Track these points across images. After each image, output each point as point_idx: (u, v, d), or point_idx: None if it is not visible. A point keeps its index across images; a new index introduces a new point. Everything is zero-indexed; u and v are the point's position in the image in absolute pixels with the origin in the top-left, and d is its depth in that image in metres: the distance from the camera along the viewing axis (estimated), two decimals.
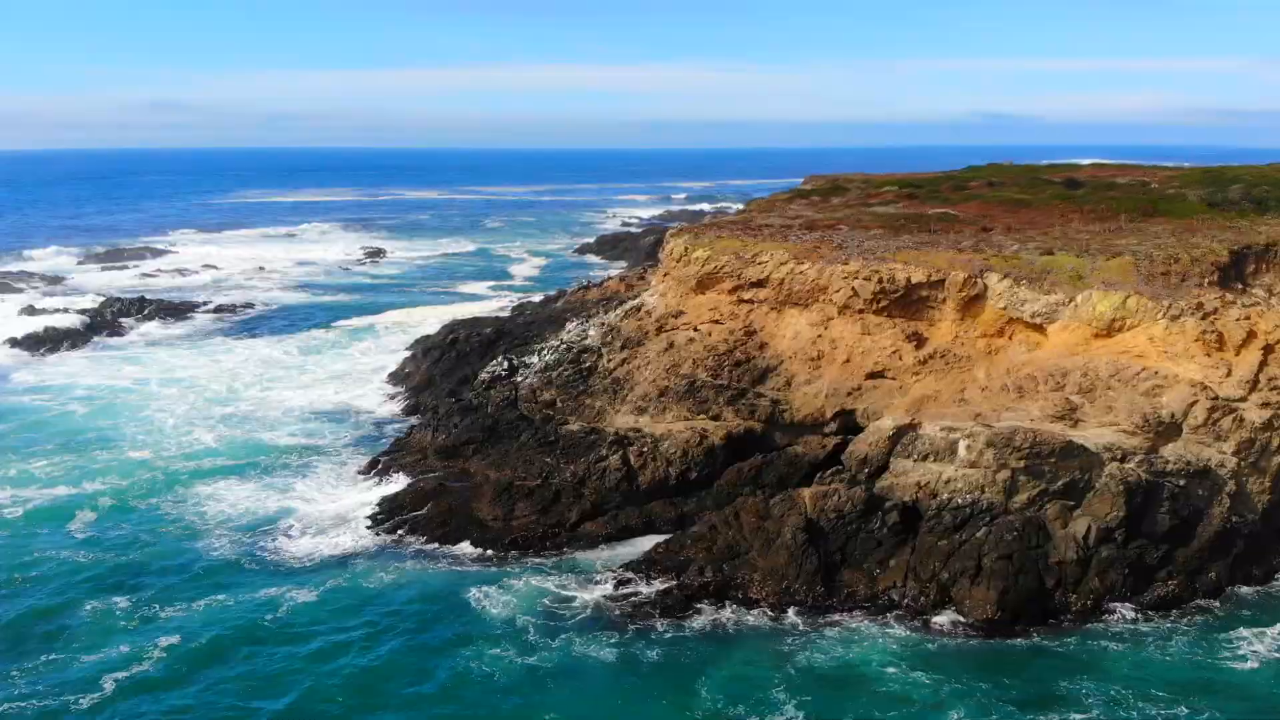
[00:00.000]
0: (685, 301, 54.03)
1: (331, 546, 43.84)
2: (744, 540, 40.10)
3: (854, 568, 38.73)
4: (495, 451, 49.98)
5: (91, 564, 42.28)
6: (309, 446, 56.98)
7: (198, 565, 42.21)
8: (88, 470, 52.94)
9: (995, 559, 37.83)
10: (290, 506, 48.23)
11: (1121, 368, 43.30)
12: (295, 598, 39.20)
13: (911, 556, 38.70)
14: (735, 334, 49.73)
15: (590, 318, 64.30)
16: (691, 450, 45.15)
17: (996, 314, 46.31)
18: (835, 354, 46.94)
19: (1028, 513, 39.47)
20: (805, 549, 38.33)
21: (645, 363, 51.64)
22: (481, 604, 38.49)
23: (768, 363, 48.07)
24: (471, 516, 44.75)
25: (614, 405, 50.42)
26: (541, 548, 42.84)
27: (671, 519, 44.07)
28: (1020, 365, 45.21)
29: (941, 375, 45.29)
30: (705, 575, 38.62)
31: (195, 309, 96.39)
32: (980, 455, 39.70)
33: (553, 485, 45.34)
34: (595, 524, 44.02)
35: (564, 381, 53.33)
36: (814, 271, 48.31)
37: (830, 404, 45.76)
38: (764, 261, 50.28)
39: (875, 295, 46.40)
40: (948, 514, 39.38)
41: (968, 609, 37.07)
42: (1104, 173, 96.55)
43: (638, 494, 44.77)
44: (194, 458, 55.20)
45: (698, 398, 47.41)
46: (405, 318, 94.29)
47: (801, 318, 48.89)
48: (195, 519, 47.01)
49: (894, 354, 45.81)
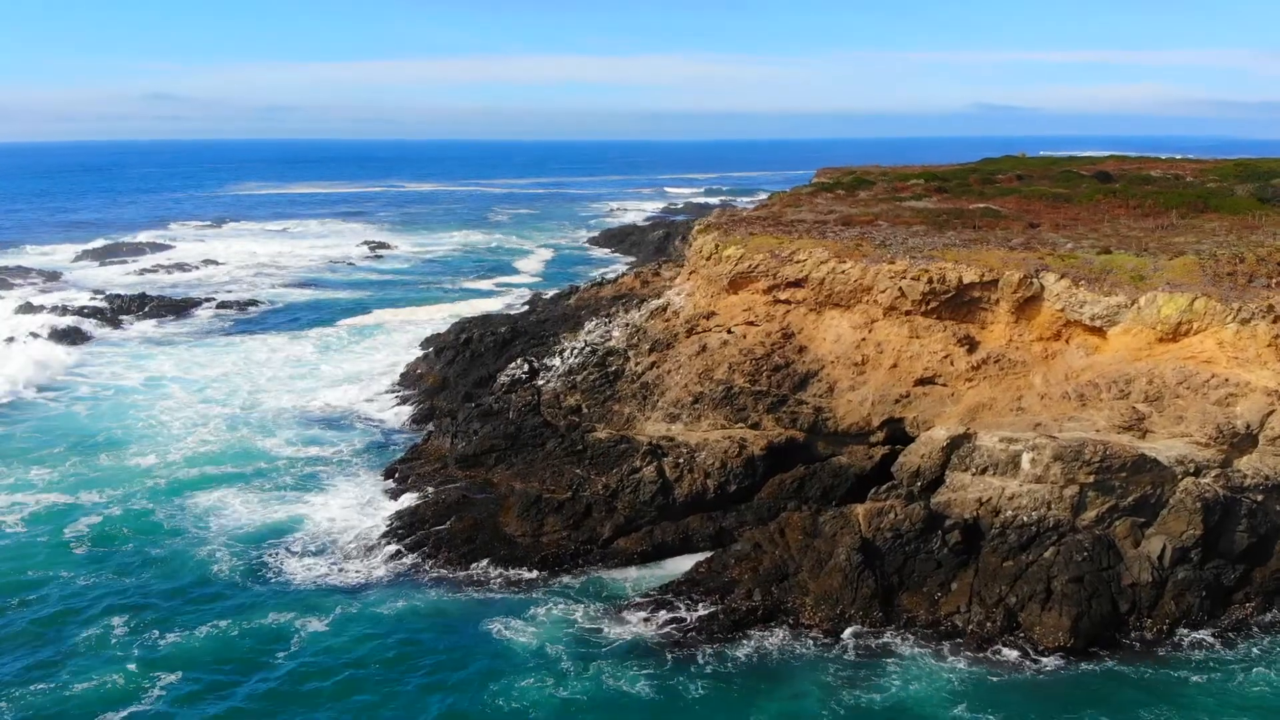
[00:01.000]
0: (716, 302, 51.31)
1: (345, 565, 40.95)
2: (792, 560, 37.44)
3: (913, 591, 36.07)
4: (519, 460, 47.30)
5: (90, 584, 39.32)
6: (318, 455, 54.23)
7: (201, 588, 39.24)
8: (88, 477, 50.26)
9: (1066, 582, 35.19)
10: (300, 518, 45.49)
11: (1189, 374, 40.62)
12: (305, 626, 36.23)
13: (975, 579, 36.04)
14: (772, 336, 47.02)
15: (611, 317, 61.58)
16: (730, 461, 42.45)
17: (1053, 316, 43.63)
18: (881, 358, 44.24)
19: (1096, 531, 36.86)
20: (861, 571, 35.67)
21: (676, 366, 48.94)
22: (509, 631, 35.64)
23: (808, 367, 45.36)
24: (498, 532, 42.02)
25: (643, 412, 47.73)
26: (573, 566, 40.13)
27: (710, 535, 41.40)
28: (1079, 371, 42.55)
29: (996, 381, 42.62)
30: (753, 598, 35.95)
31: (197, 306, 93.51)
32: (1047, 469, 37.02)
33: (583, 498, 42.63)
34: (629, 540, 41.32)
35: (589, 386, 50.63)
36: (857, 271, 45.57)
37: (877, 412, 43.07)
38: (802, 260, 47.54)
39: (924, 296, 43.70)
40: (1012, 533, 36.74)
41: (1038, 636, 34.41)
42: (1130, 165, 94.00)
43: (673, 508, 42.07)
44: (198, 463, 52.42)
45: (735, 405, 44.70)
46: (413, 315, 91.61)
47: (843, 320, 46.19)
48: (198, 532, 44.23)
49: (945, 359, 43.12)
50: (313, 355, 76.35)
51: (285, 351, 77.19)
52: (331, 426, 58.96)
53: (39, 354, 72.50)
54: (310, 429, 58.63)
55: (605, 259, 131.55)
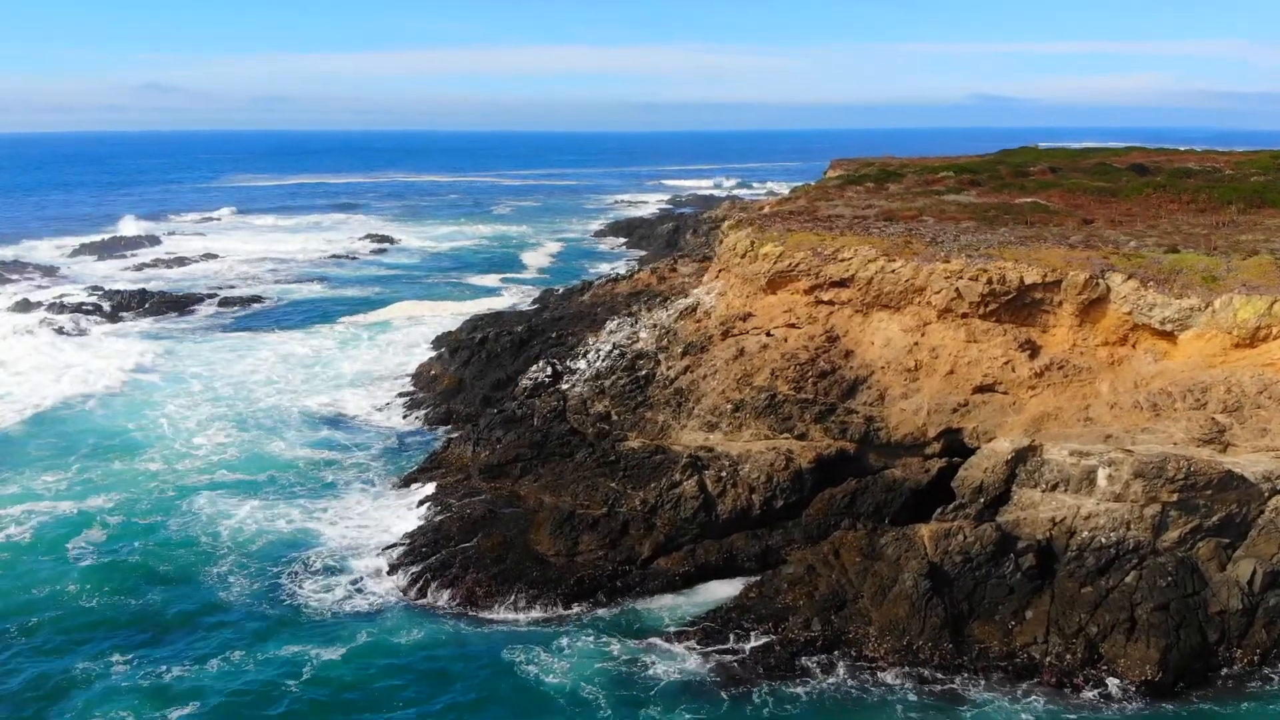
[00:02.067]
0: (753, 302, 48.50)
1: (363, 586, 38.24)
2: (850, 585, 34.71)
3: (985, 619, 33.33)
4: (547, 471, 44.51)
5: (94, 608, 36.60)
6: (332, 458, 51.71)
7: (211, 613, 36.39)
8: (96, 483, 47.74)
9: (1151, 610, 32.50)
10: (315, 533, 42.80)
11: (1270, 383, 37.85)
12: (320, 657, 33.43)
13: (1051, 606, 33.31)
14: (816, 340, 44.23)
15: (635, 317, 58.72)
16: (776, 475, 39.67)
17: (1119, 319, 40.86)
18: (936, 364, 41.46)
19: (1179, 553, 34.15)
20: (929, 598, 32.94)
21: (711, 371, 46.14)
22: (543, 667, 32.74)
23: (856, 373, 42.58)
24: (529, 551, 39.25)
25: (678, 420, 44.93)
26: (611, 588, 37.34)
27: (755, 554, 38.62)
28: (1149, 378, 39.80)
29: (1060, 389, 39.87)
30: (811, 628, 33.23)
31: (199, 303, 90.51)
32: (1126, 487, 34.26)
33: (619, 515, 39.85)
34: (669, 560, 38.55)
35: (619, 391, 47.83)
36: (908, 270, 42.77)
37: (933, 422, 40.31)
38: (847, 258, 44.72)
39: (983, 297, 40.91)
40: (1090, 555, 34.00)
41: (1122, 669, 31.74)
42: (1160, 158, 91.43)
43: (716, 525, 39.30)
44: (208, 469, 49.99)
45: (780, 414, 41.91)
46: (422, 311, 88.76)
47: (892, 322, 43.41)
48: (209, 546, 41.50)
49: (1005, 365, 40.36)
50: (321, 354, 73.52)
51: (292, 350, 74.37)
52: (344, 429, 56.33)
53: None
54: (322, 430, 56.09)
55: (614, 253, 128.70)
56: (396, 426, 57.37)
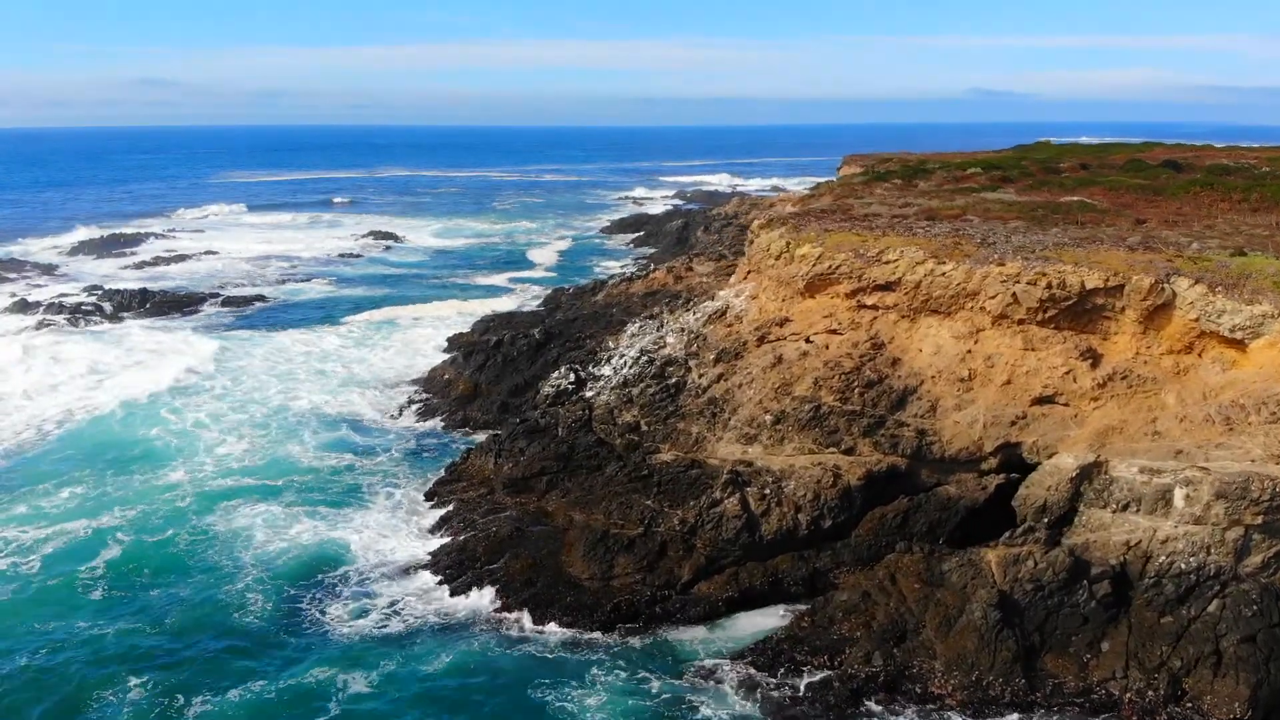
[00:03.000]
0: (790, 306, 46.11)
1: (388, 609, 36.03)
2: (911, 614, 32.37)
3: (1058, 652, 31.01)
4: (575, 485, 42.20)
5: (108, 633, 34.23)
6: (350, 465, 49.82)
7: (231, 638, 34.22)
8: (109, 497, 45.35)
9: (1237, 642, 30.19)
10: (337, 550, 40.52)
11: None
12: (346, 685, 31.37)
13: (1129, 638, 30.99)
14: (860, 347, 41.84)
15: (658, 320, 56.35)
16: (824, 493, 37.30)
17: (1185, 326, 38.46)
18: (991, 374, 39.09)
19: (1263, 579, 31.82)
20: (999, 630, 30.62)
21: (747, 380, 43.77)
22: (580, 703, 30.54)
23: (905, 383, 40.19)
24: (561, 574, 36.91)
25: (713, 431, 42.58)
26: (650, 615, 34.99)
27: (802, 577, 36.28)
28: (1218, 389, 37.42)
29: (1125, 401, 37.50)
30: (873, 663, 30.89)
31: (202, 302, 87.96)
32: (1207, 508, 31.90)
33: (657, 535, 37.47)
34: (710, 584, 36.18)
35: (648, 400, 45.46)
36: (960, 273, 40.39)
37: (990, 435, 37.95)
38: (893, 260, 42.32)
39: (1042, 303, 38.52)
40: (1168, 582, 31.65)
41: (1209, 706, 29.44)
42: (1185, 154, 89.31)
43: (759, 546, 36.93)
44: (223, 476, 48.14)
45: (825, 426, 39.53)
46: (430, 311, 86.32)
47: (942, 328, 41.04)
48: (228, 565, 39.21)
49: (1066, 374, 37.98)
50: (331, 355, 71.20)
51: (301, 351, 72.00)
52: (359, 435, 54.25)
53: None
54: (337, 433, 54.32)
55: (622, 250, 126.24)
56: (413, 432, 55.17)
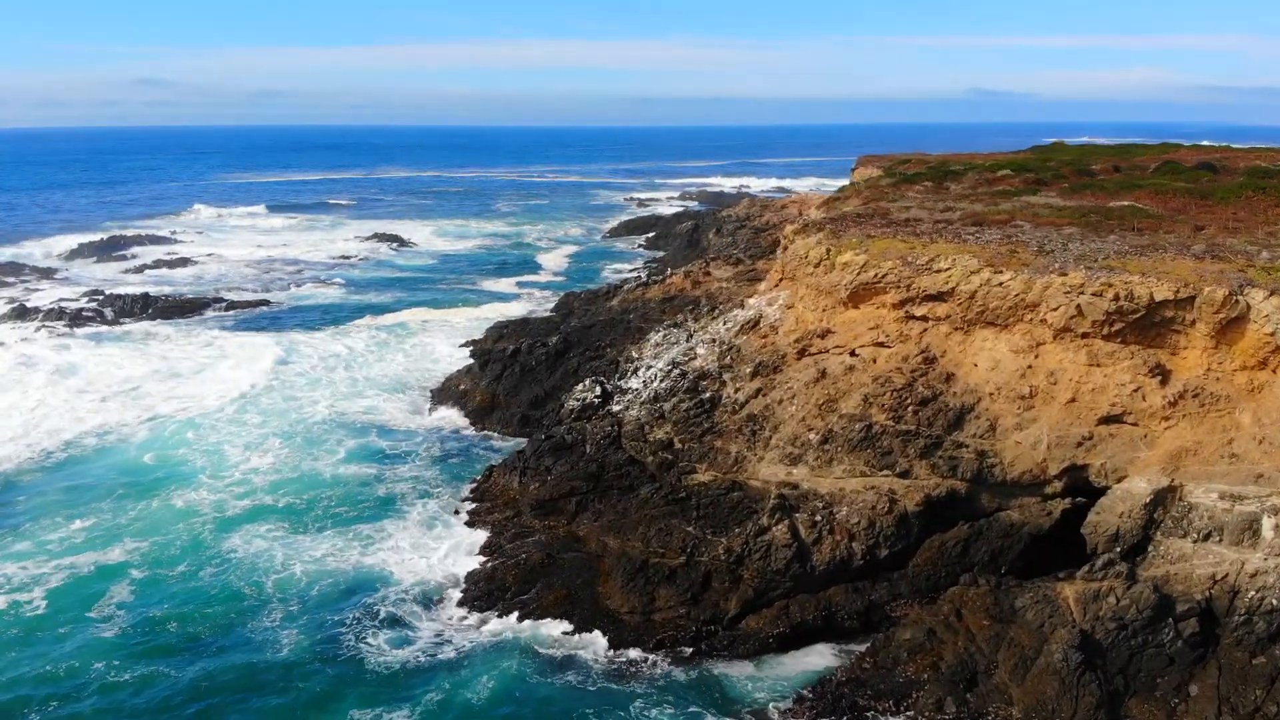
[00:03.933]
0: (831, 317, 43.78)
1: (428, 638, 33.87)
2: (981, 654, 30.04)
3: (1143, 697, 28.69)
4: (607, 508, 39.88)
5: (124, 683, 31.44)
6: (378, 474, 48.22)
7: (261, 674, 31.79)
8: (123, 525, 42.58)
9: None
10: (366, 574, 38.40)
11: None
12: None
13: (1219, 680, 28.70)
14: (910, 361, 39.52)
15: (688, 331, 54.01)
16: (880, 520, 34.98)
17: (1260, 341, 36.10)
18: (1054, 391, 36.75)
19: None
20: (1081, 674, 28.29)
21: (788, 395, 41.45)
22: None
23: (961, 401, 37.86)
24: (598, 606, 34.58)
25: (754, 450, 40.23)
26: (696, 651, 32.67)
27: (858, 611, 33.95)
28: None
29: (1198, 420, 35.17)
30: (944, 710, 28.57)
31: (206, 307, 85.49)
32: None
33: (700, 564, 35.14)
34: (759, 618, 33.80)
35: (681, 416, 43.12)
36: (1018, 283, 38.05)
37: (1054, 457, 35.60)
38: (944, 269, 39.99)
39: (1108, 315, 36.17)
40: (1259, 620, 29.35)
41: None
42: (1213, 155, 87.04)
43: (811, 577, 34.58)
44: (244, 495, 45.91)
45: (878, 447, 37.18)
46: (440, 316, 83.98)
47: (999, 342, 38.70)
48: (253, 595, 36.74)
49: (1135, 392, 35.64)
50: (345, 361, 68.89)
51: (314, 357, 69.66)
52: (380, 447, 52.09)
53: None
54: (359, 442, 52.47)
55: (631, 253, 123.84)
56: (435, 444, 52.82)
